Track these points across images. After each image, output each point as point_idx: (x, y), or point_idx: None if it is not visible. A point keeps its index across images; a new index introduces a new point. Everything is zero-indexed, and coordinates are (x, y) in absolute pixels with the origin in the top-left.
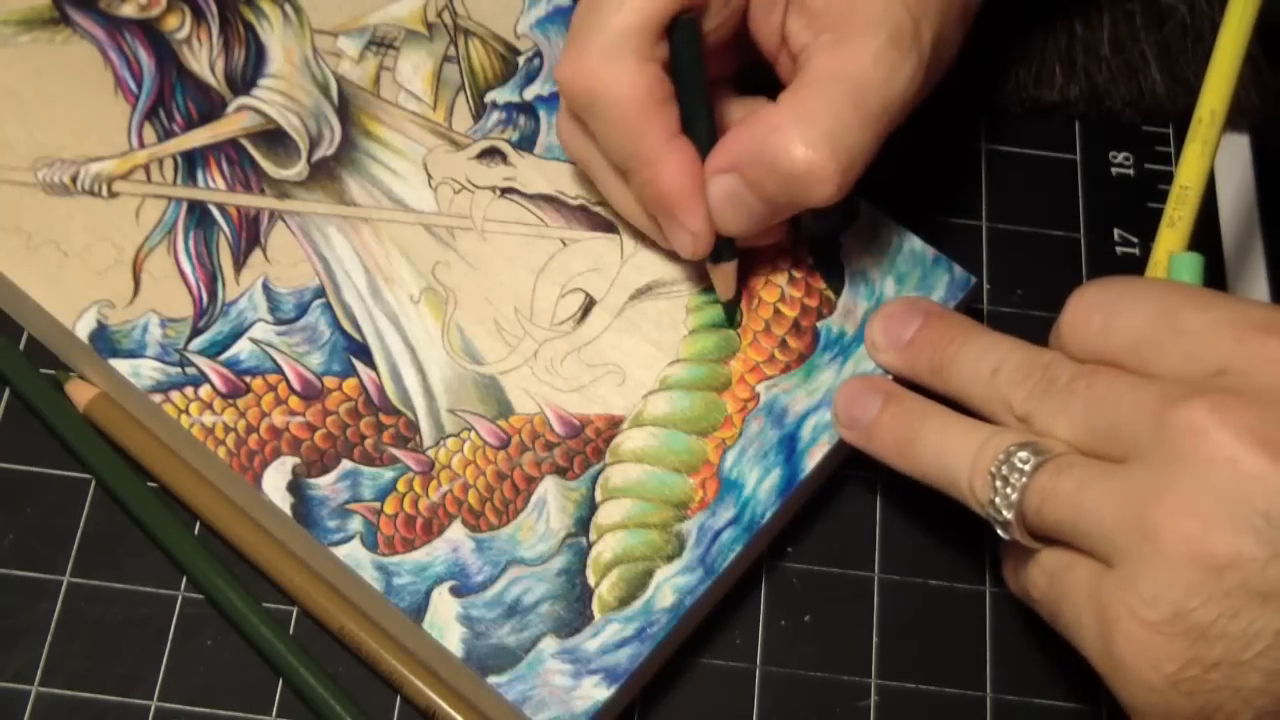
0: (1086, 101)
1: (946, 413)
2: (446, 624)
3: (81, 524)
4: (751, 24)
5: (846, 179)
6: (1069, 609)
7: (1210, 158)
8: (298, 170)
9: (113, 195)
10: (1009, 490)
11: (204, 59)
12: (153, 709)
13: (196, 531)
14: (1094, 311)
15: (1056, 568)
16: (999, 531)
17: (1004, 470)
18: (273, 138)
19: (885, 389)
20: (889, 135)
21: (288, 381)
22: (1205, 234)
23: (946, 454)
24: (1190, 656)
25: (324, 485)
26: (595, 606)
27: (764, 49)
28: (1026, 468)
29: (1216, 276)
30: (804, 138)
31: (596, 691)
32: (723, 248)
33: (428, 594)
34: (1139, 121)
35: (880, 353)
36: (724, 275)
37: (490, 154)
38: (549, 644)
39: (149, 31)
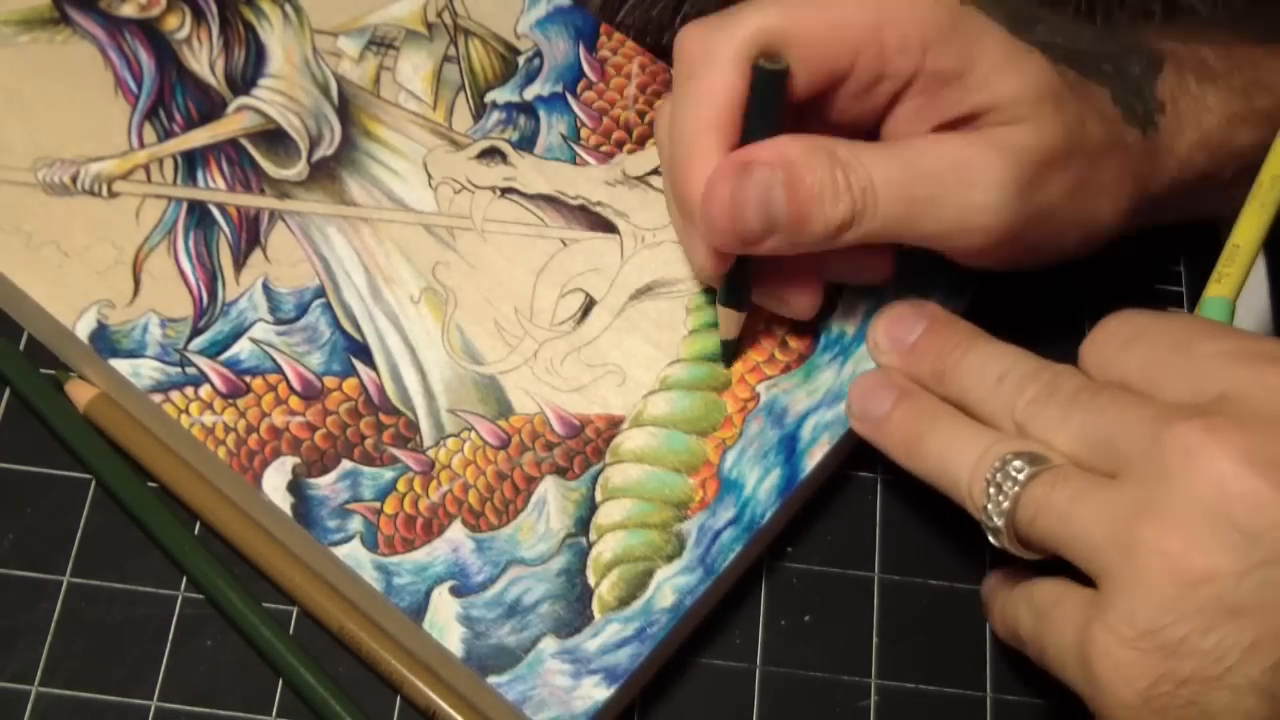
0: None
1: (956, 416)
2: (446, 624)
3: (81, 524)
4: (842, 91)
5: (846, 224)
6: (1054, 640)
7: (1268, 221)
8: (298, 170)
9: (113, 195)
10: (1002, 498)
11: (204, 59)
12: (153, 709)
13: (196, 531)
14: (1115, 335)
15: (1045, 603)
16: (990, 539)
17: (999, 478)
18: (273, 138)
19: (900, 385)
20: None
21: (288, 381)
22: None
23: (950, 456)
24: (1162, 673)
25: (324, 485)
26: (595, 606)
27: (843, 117)
28: (1021, 476)
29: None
30: (834, 163)
31: (596, 691)
32: (740, 294)
33: (428, 594)
34: None
35: (882, 354)
36: (731, 317)
37: (490, 154)
38: (549, 644)
39: (149, 31)
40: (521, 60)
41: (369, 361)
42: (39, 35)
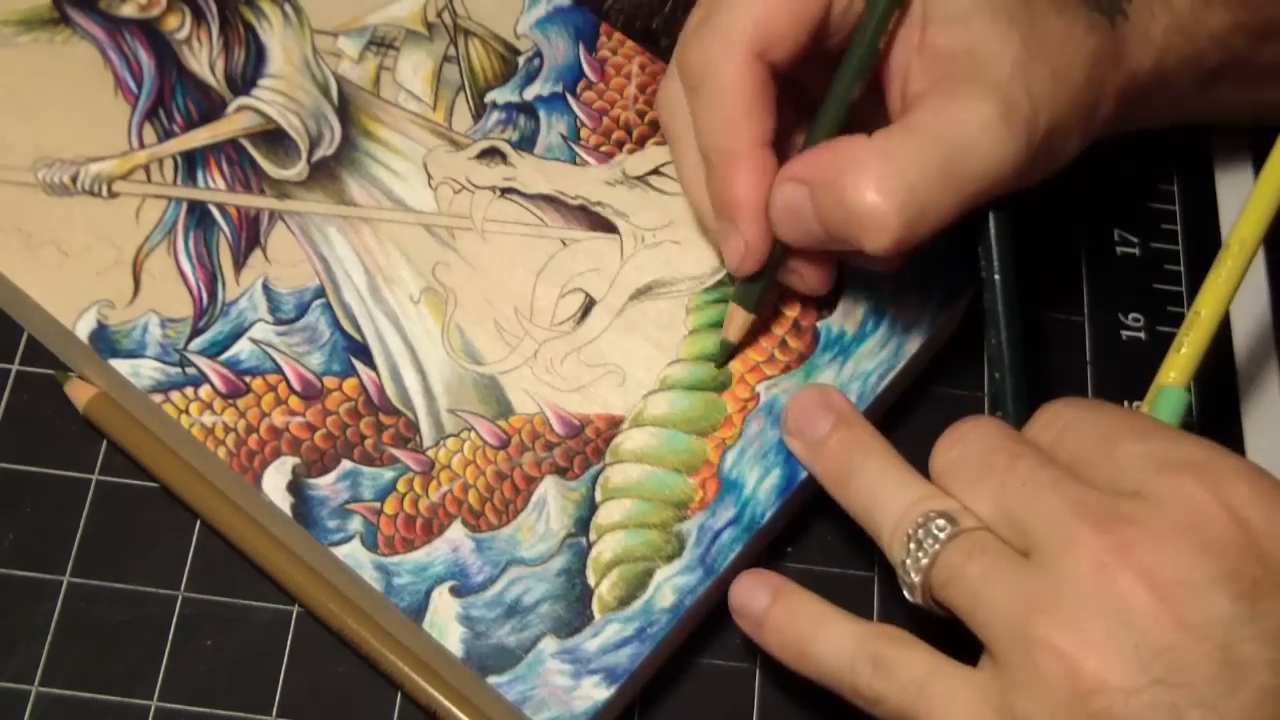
0: None
1: (890, 456)
2: (446, 624)
3: (81, 524)
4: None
5: (908, 235)
6: (928, 712)
7: (1233, 288)
8: (298, 170)
9: (113, 195)
10: (921, 555)
11: (204, 59)
12: (153, 709)
13: (196, 532)
14: (1050, 427)
15: (915, 674)
16: (905, 593)
17: (920, 534)
18: (273, 138)
19: (839, 409)
20: (973, 208)
21: (288, 381)
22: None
23: (876, 502)
24: None
25: (324, 485)
26: (595, 606)
27: (881, 77)
28: (942, 536)
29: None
30: (879, 180)
31: (596, 691)
32: (758, 297)
33: (428, 594)
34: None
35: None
36: (740, 319)
37: (490, 154)
38: (549, 644)
39: (149, 32)
40: (521, 60)
41: (369, 362)
42: (39, 35)
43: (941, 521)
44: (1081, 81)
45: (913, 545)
